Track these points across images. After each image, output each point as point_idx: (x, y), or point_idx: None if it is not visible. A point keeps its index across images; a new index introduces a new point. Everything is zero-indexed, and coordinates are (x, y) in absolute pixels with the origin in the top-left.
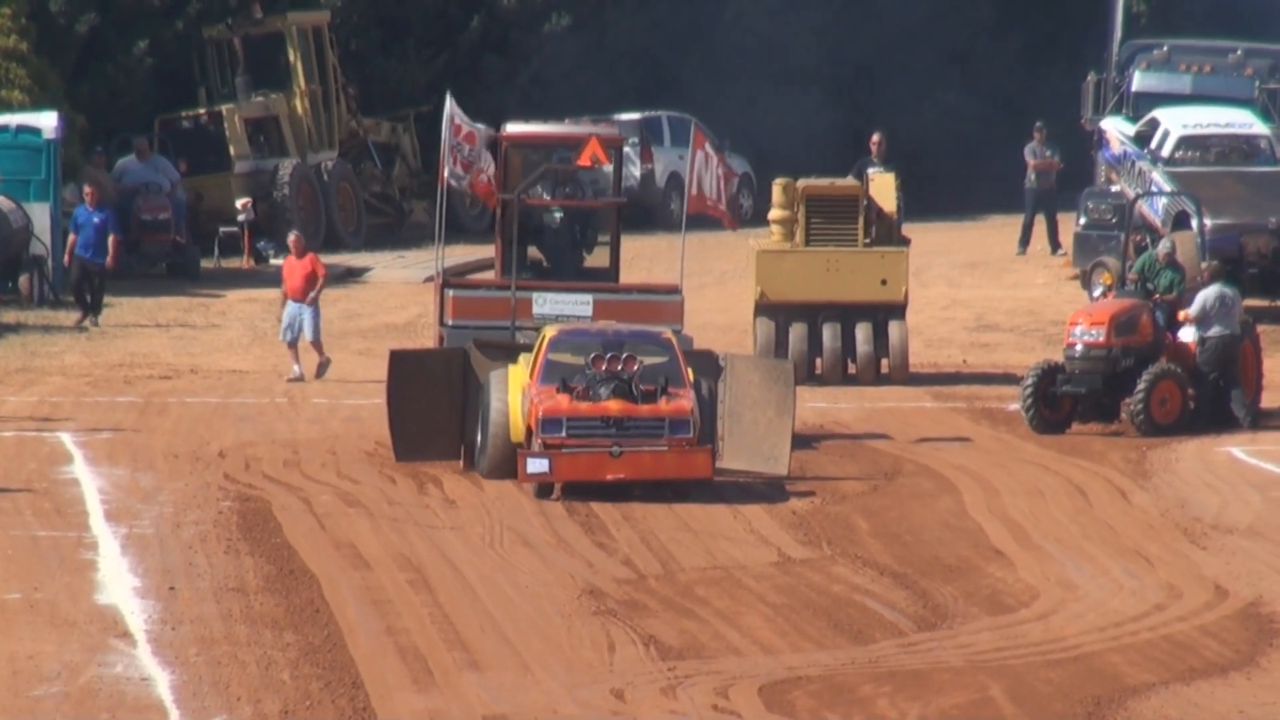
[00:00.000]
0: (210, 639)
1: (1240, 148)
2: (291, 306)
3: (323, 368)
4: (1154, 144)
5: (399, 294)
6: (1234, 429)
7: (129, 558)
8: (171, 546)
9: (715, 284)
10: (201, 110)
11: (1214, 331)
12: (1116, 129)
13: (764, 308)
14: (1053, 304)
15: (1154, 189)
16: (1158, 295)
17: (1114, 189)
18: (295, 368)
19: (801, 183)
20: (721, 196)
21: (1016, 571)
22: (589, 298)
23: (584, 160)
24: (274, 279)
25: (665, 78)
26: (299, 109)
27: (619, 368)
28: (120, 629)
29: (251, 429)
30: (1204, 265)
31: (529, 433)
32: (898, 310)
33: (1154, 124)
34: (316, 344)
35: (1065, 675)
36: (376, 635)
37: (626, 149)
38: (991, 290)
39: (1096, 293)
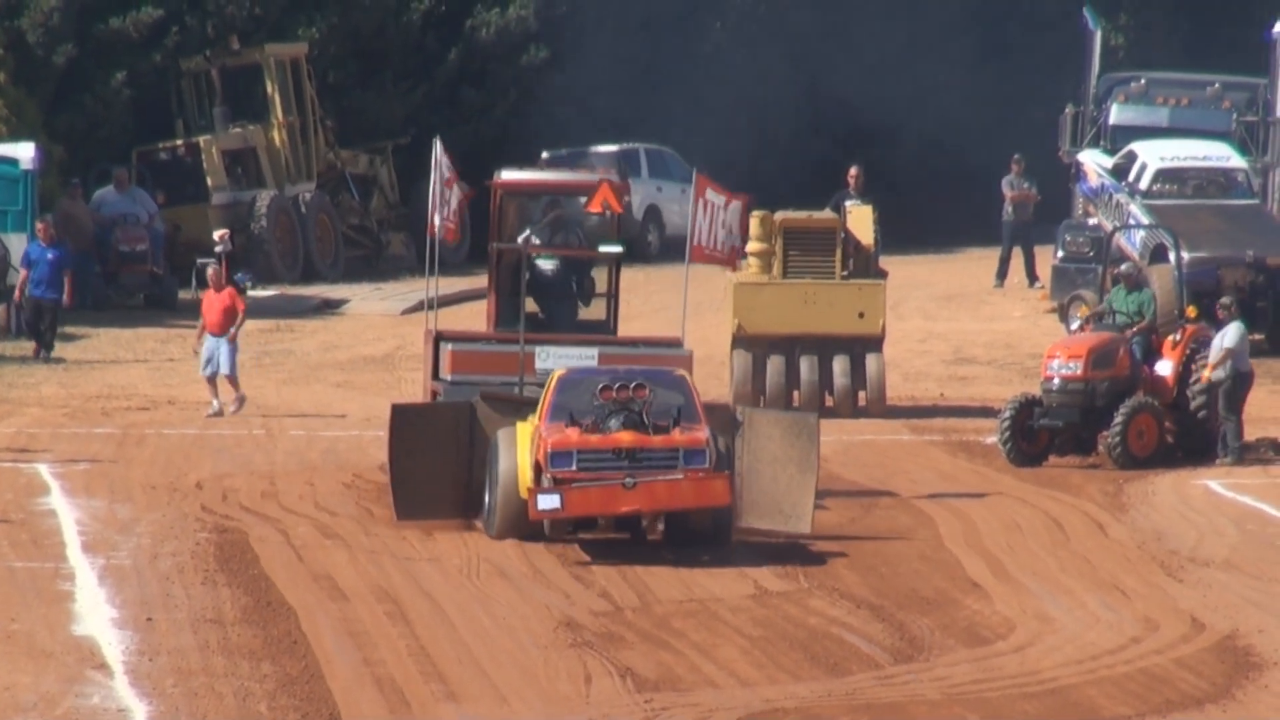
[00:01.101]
0: (187, 670)
1: (1217, 180)
2: (210, 341)
3: (239, 403)
4: (1131, 177)
5: (376, 326)
6: (1210, 462)
7: (106, 589)
8: (149, 577)
9: (691, 315)
10: (179, 142)
11: (1243, 368)
12: (1094, 162)
13: (741, 340)
14: (1030, 337)
15: (1131, 222)
16: (1132, 330)
17: (1091, 222)
18: (214, 403)
19: (779, 215)
20: (719, 243)
21: (993, 604)
22: (594, 351)
23: (594, 207)
24: (252, 310)
25: (642, 109)
26: (277, 140)
27: (629, 398)
28: (97, 660)
29: (229, 460)
30: (1224, 302)
31: (538, 470)
32: (875, 343)
33: (1131, 157)
34: (232, 379)
35: (1041, 708)
36: (354, 666)
37: None
38: (969, 323)
39: (1074, 325)
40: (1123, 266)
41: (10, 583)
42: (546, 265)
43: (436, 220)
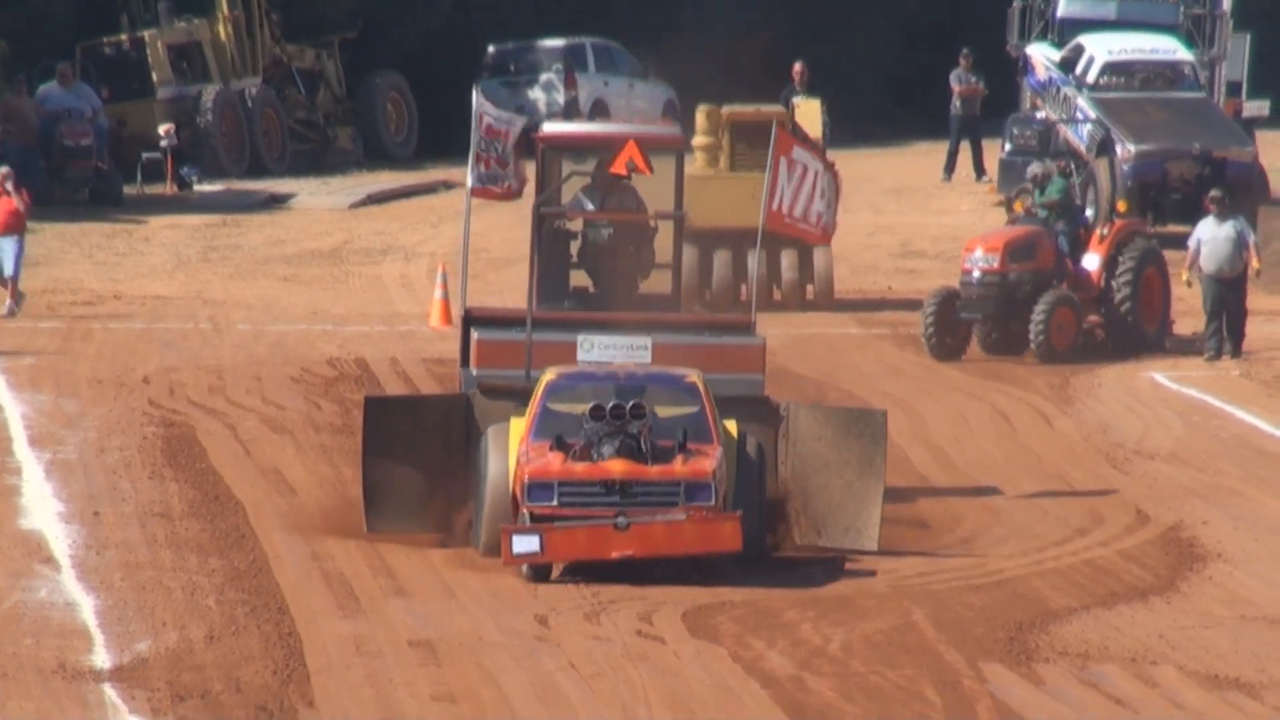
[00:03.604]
0: (135, 564)
1: (1164, 74)
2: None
3: (16, 301)
4: (1079, 70)
5: (323, 220)
6: (1153, 354)
7: (53, 483)
8: (96, 472)
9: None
10: (124, 36)
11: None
12: (1042, 55)
13: (688, 234)
14: (978, 230)
15: (1079, 115)
16: (1035, 206)
17: (1039, 115)
18: (8, 303)
19: (726, 109)
20: (811, 214)
21: (940, 498)
22: (647, 341)
23: (618, 167)
24: (198, 205)
25: (589, 3)
26: (222, 35)
27: (623, 419)
28: (44, 554)
29: (176, 354)
30: (1214, 195)
31: (515, 502)
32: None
33: (1079, 50)
34: (14, 279)
35: (988, 600)
36: (302, 561)
37: (549, 76)
38: (916, 216)
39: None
40: (1032, 167)
41: None
42: (599, 233)
43: (471, 178)
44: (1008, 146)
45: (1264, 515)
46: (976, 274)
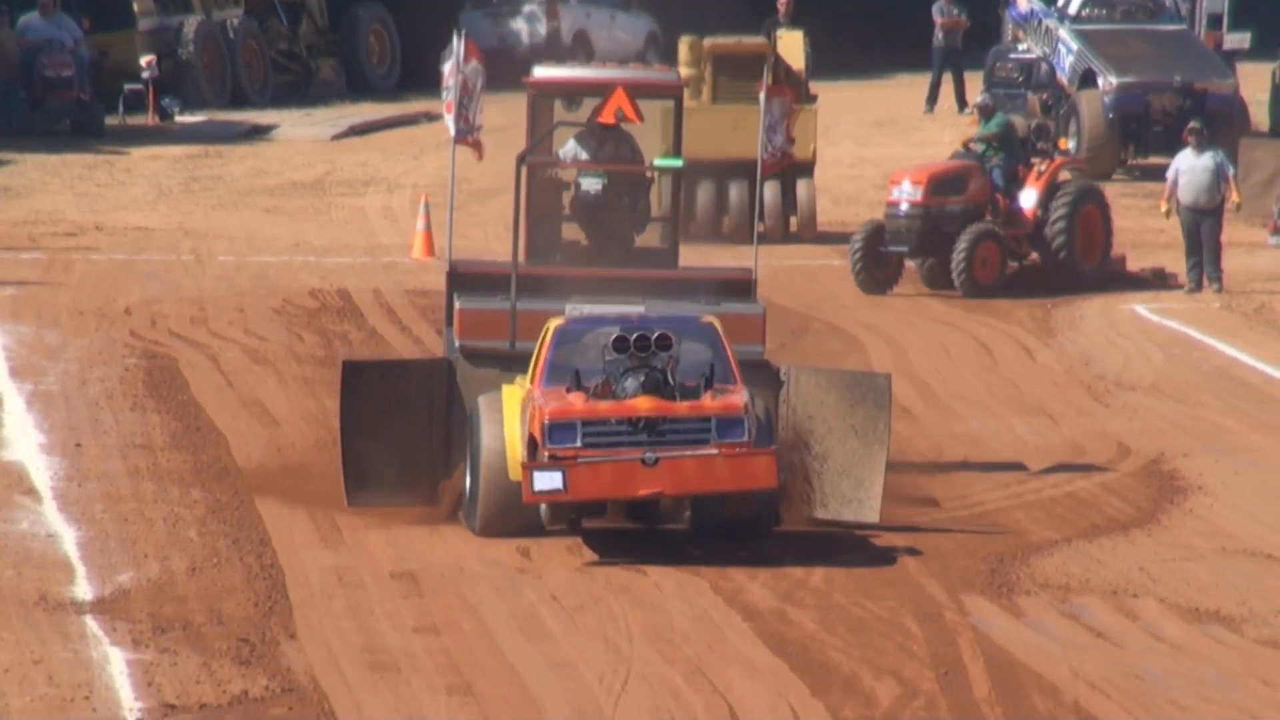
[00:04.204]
0: (117, 496)
1: (1146, 6)
2: None
3: None
4: (1060, 2)
5: (306, 151)
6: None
7: (34, 414)
8: (77, 403)
9: None
10: None
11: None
12: None
13: None
14: None
15: (1061, 48)
16: (973, 140)
17: (1021, 47)
18: None
19: (708, 41)
20: (775, 148)
21: (923, 429)
22: (640, 310)
23: (607, 117)
24: (180, 136)
25: None
26: None
27: (649, 352)
28: (26, 485)
29: (158, 286)
30: (1194, 126)
31: (533, 445)
32: (805, 168)
33: None
34: None
35: (969, 533)
36: (284, 492)
37: (532, 7)
38: (899, 149)
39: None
40: (979, 98)
41: None
42: (592, 184)
43: (453, 127)
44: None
45: (1244, 448)
46: (903, 206)
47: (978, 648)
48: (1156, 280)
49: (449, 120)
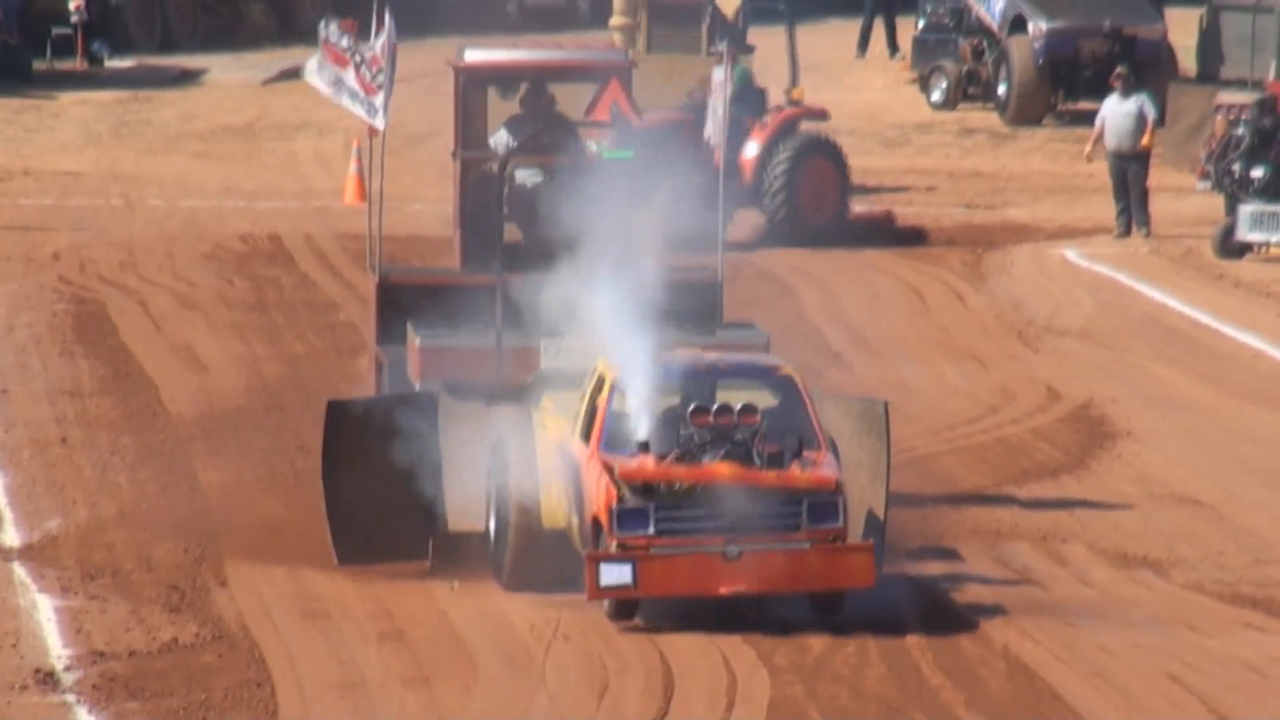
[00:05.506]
0: (45, 441)
1: None
2: None
3: None
4: None
5: (237, 96)
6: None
7: None
8: (4, 349)
9: None
10: None
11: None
12: None
13: None
14: (892, 108)
15: None
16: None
17: None
18: None
19: None
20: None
21: (854, 375)
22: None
23: (601, 114)
24: (109, 81)
25: None
26: None
27: (732, 424)
28: None
29: (86, 231)
30: (1120, 72)
31: (595, 527)
32: None
33: None
34: None
35: (900, 478)
36: (217, 436)
37: None
38: (831, 94)
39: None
40: (719, 45)
41: None
42: (530, 176)
43: (359, 110)
44: (921, 23)
45: (1173, 393)
46: None
47: (908, 592)
48: (887, 227)
49: (375, 106)
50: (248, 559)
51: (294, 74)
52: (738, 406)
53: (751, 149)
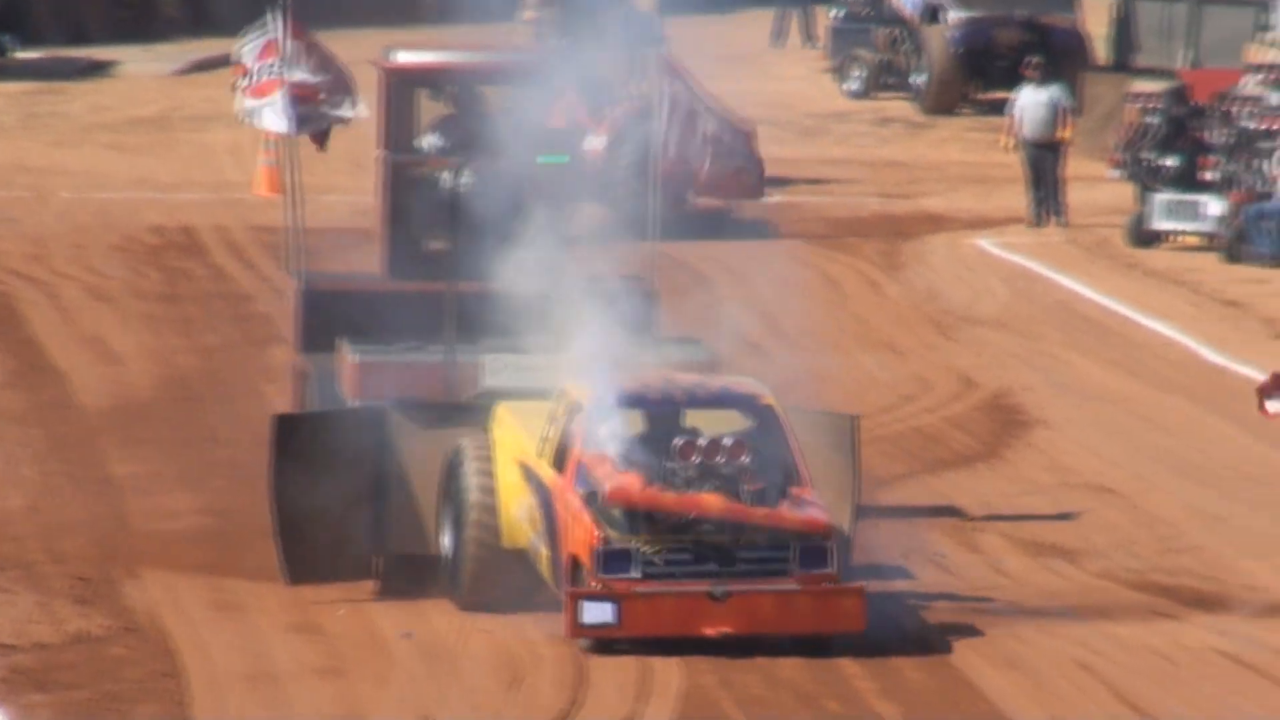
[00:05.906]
0: None
1: None
2: None
3: None
4: None
5: (149, 88)
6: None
7: None
8: None
9: None
10: None
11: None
12: None
13: None
14: (808, 97)
15: None
16: None
17: None
18: None
19: None
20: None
21: (771, 364)
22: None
23: (558, 120)
24: (17, 72)
25: None
26: None
27: (718, 459)
28: None
29: None
30: (1033, 61)
31: (573, 565)
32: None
33: None
34: None
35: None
36: (128, 428)
37: None
38: (746, 83)
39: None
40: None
41: None
42: (459, 179)
43: (329, 112)
44: (837, 13)
45: (1086, 382)
46: None
47: None
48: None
49: (282, 106)
50: (159, 552)
51: (208, 66)
52: (727, 442)
53: (597, 142)
